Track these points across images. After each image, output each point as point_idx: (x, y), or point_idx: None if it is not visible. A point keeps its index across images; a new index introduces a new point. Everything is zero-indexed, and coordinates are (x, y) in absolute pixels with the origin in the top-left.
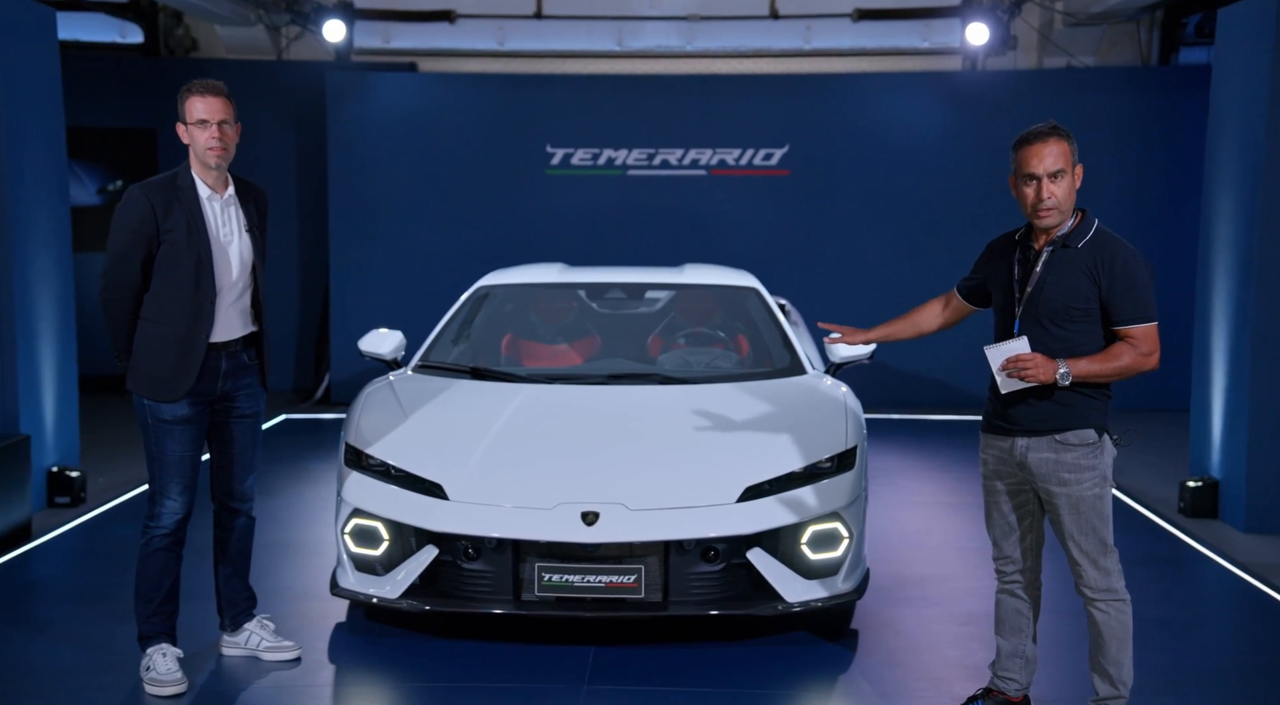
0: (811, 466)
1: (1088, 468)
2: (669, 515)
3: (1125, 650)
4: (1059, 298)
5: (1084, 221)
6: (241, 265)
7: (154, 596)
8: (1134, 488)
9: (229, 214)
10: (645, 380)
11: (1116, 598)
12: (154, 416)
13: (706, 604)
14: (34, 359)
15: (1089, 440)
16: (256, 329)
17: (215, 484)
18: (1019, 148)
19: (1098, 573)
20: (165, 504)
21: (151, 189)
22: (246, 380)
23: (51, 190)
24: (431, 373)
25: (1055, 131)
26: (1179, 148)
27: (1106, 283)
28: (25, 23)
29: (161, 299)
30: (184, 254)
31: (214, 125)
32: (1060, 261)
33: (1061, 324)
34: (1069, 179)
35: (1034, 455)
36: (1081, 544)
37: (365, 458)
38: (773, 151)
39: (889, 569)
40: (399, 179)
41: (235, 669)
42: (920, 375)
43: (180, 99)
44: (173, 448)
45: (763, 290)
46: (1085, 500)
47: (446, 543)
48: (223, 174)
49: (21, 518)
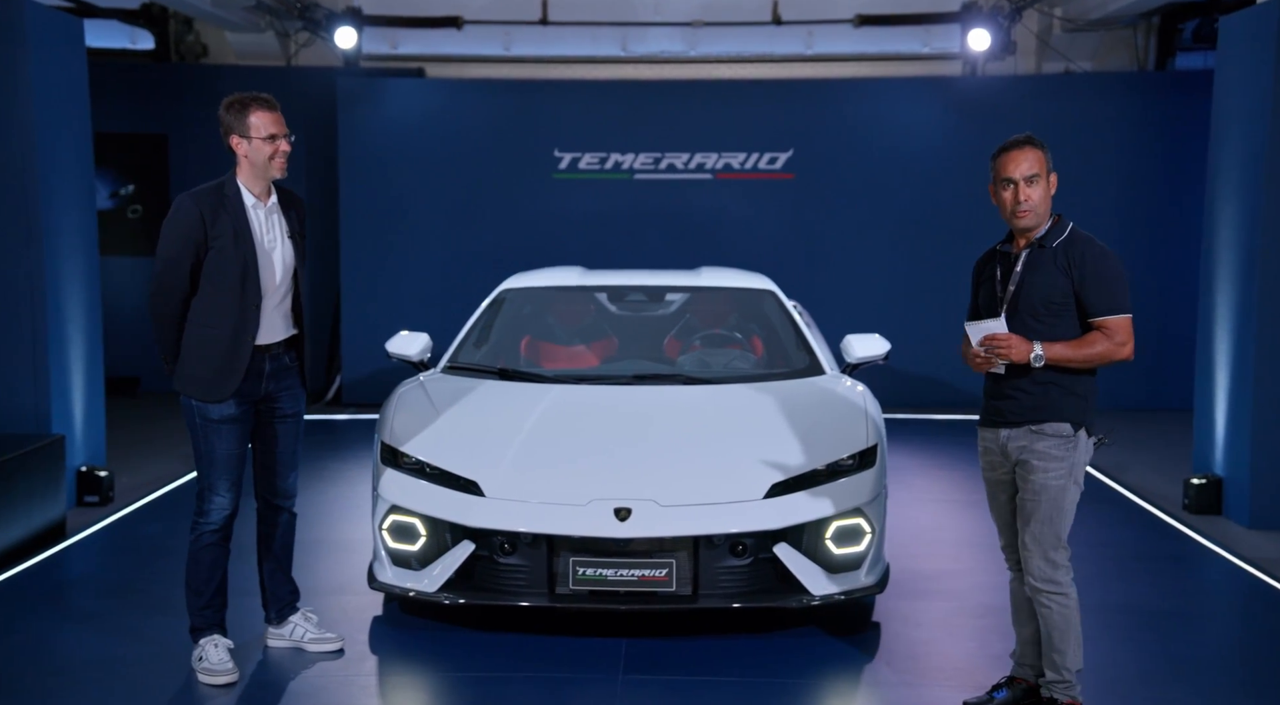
0: (834, 464)
1: (1056, 458)
2: (699, 511)
3: (1068, 640)
4: (1038, 293)
5: (1059, 224)
6: (284, 270)
7: (205, 590)
8: (1138, 485)
9: (272, 221)
10: (668, 381)
11: (1059, 591)
12: (202, 416)
13: (735, 597)
14: (64, 360)
15: (1063, 433)
16: (297, 332)
17: (259, 482)
18: (997, 156)
19: (1045, 564)
20: (214, 500)
21: (200, 197)
22: (288, 381)
23: (80, 195)
24: (461, 373)
25: (1030, 141)
26: (1176, 151)
27: (1079, 277)
28: (56, 33)
29: (209, 303)
30: (231, 260)
31: (282, 138)
32: (1037, 261)
33: (1042, 318)
34: (1044, 184)
35: (1013, 444)
36: (1036, 532)
37: (401, 456)
38: (777, 155)
39: (906, 564)
40: (408, 183)
41: (281, 660)
42: (928, 377)
43: (234, 112)
44: (221, 446)
45: (779, 292)
46: (1048, 489)
47: (483, 538)
48: (269, 183)
49: (57, 516)
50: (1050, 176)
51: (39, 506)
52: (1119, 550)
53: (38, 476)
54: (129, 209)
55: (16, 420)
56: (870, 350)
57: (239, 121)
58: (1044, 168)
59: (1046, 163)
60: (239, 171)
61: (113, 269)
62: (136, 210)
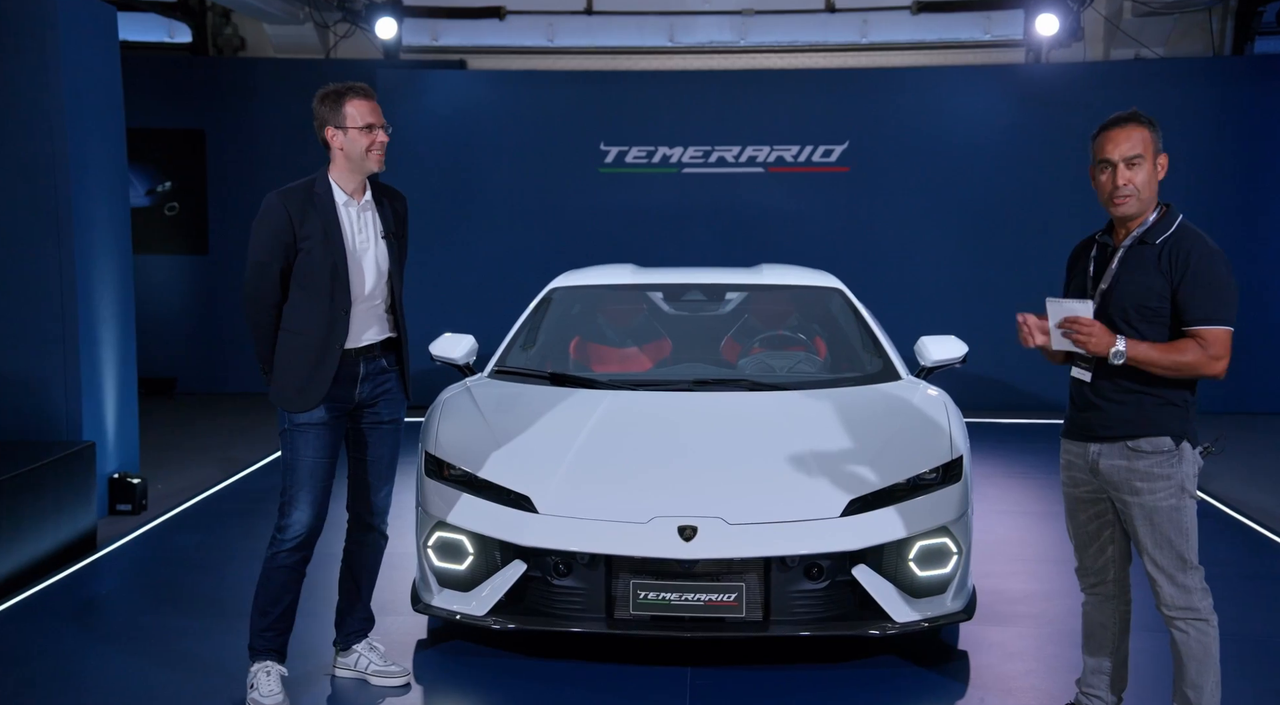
0: (916, 479)
1: (1161, 476)
2: (770, 530)
3: (1206, 674)
4: (1131, 295)
5: (1167, 216)
6: (378, 274)
7: (270, 611)
8: (1230, 496)
9: (365, 219)
10: (731, 386)
11: (1197, 617)
12: (291, 421)
13: (809, 624)
14: (95, 363)
15: (1164, 448)
16: (395, 335)
17: (351, 496)
18: (1096, 135)
19: (1175, 590)
20: (293, 514)
21: (288, 196)
22: (386, 386)
23: (113, 191)
24: (509, 378)
25: (1135, 117)
26: (1256, 141)
27: (1178, 277)
28: (87, 20)
29: (298, 308)
30: (320, 263)
31: (379, 128)
32: (1137, 259)
33: (1134, 324)
34: (1148, 166)
35: (1106, 462)
36: (1157, 558)
37: (447, 468)
38: (832, 148)
39: (990, 584)
40: (449, 178)
41: (341, 691)
42: (997, 379)
43: (329, 102)
44: (305, 453)
45: (847, 291)
46: (1160, 511)
47: (535, 558)
48: (363, 179)
49: (87, 526)
50: (1159, 159)
51: (68, 517)
52: (1224, 570)
53: (67, 485)
54: (166, 206)
55: (46, 426)
56: (947, 353)
57: (334, 112)
58: (1150, 149)
59: (1154, 143)
60: (332, 167)
61: (149, 267)
62: (173, 207)
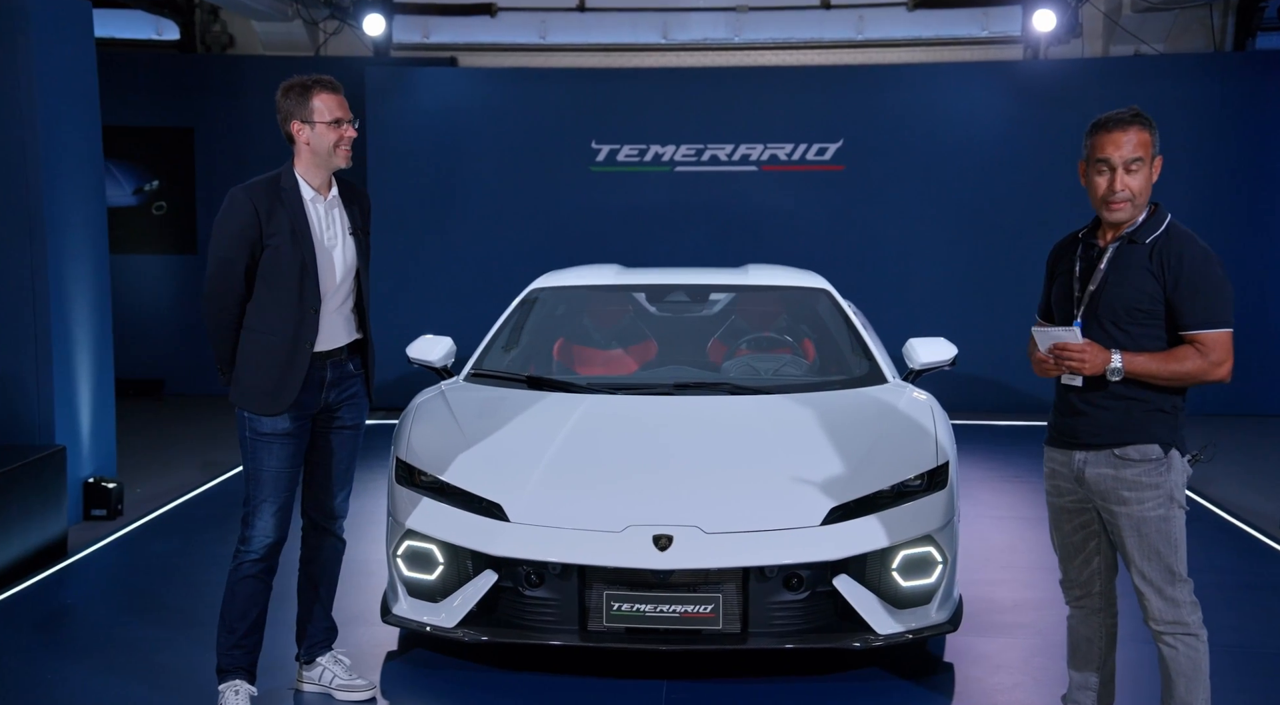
0: (900, 485)
1: (1149, 485)
2: (748, 539)
3: (1195, 690)
4: (1121, 297)
5: (1155, 216)
6: (345, 270)
7: (238, 627)
8: (1228, 500)
9: (333, 216)
10: (713, 390)
11: (1186, 632)
12: (253, 430)
13: (789, 636)
14: (69, 365)
15: (1152, 455)
16: (361, 336)
17: (306, 498)
18: (1095, 132)
19: (1163, 603)
20: (256, 525)
21: (254, 191)
22: (351, 390)
23: (89, 189)
24: (485, 382)
25: (1138, 118)
26: (1258, 138)
27: (1172, 280)
28: (61, 16)
29: (264, 307)
30: (288, 260)
31: (347, 123)
32: (1125, 259)
33: (1124, 327)
34: (1146, 171)
35: (1092, 470)
36: (1144, 571)
37: (418, 474)
38: (826, 146)
39: (978, 593)
40: (439, 177)
41: None
42: (990, 380)
43: (294, 95)
44: (269, 463)
45: (834, 292)
46: (1148, 522)
47: (507, 568)
48: (329, 174)
49: (57, 533)
50: (1155, 161)
51: (37, 522)
52: (1220, 578)
53: (36, 490)
54: (153, 205)
55: (17, 429)
56: (936, 355)
57: (300, 105)
58: (1149, 152)
59: (1153, 145)
60: (298, 162)
61: (136, 268)
62: (161, 206)
